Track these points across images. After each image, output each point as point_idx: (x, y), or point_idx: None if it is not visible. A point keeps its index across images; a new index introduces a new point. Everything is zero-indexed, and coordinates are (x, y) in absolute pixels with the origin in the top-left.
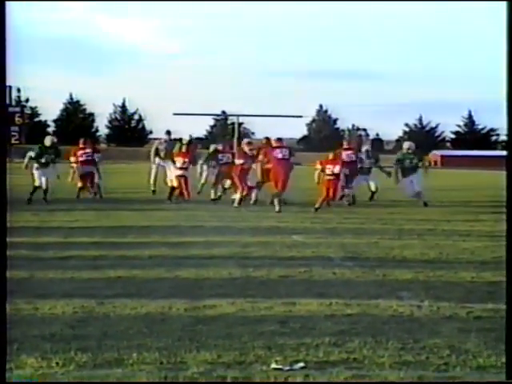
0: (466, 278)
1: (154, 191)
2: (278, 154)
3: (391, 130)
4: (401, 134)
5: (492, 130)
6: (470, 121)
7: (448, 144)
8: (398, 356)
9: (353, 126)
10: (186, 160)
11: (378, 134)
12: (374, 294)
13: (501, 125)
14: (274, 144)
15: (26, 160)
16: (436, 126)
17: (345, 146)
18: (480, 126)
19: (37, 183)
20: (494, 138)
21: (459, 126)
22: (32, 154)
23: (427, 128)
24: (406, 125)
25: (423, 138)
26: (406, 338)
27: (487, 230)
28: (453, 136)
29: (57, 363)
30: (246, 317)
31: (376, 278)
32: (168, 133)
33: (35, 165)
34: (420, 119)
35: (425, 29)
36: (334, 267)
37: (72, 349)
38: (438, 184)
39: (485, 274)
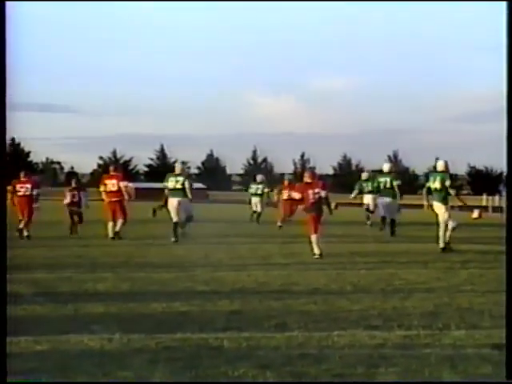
0: (157, 309)
1: None
2: None
3: (86, 164)
4: (95, 167)
5: (183, 162)
6: (163, 154)
7: (142, 177)
8: None
9: (47, 159)
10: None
11: (72, 167)
12: (65, 328)
13: (190, 158)
14: None
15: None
16: (130, 160)
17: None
18: (172, 159)
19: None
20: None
21: (152, 159)
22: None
23: (122, 161)
24: (101, 158)
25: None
26: (95, 372)
27: (178, 261)
28: (146, 169)
29: None
30: None
31: (67, 313)
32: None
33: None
34: (114, 152)
35: (117, 65)
36: (23, 303)
37: None
38: (133, 217)
39: (174, 304)
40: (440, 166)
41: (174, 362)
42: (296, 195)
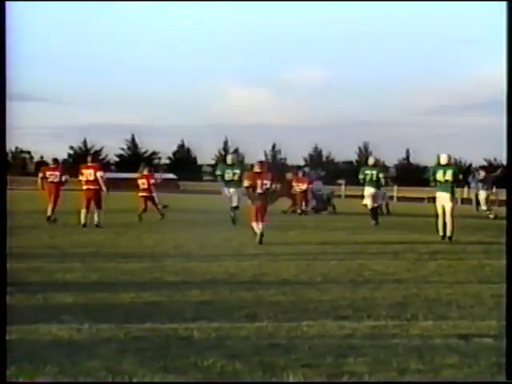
0: (126, 299)
1: None
2: None
3: (56, 153)
4: (66, 156)
5: (154, 153)
6: (134, 144)
7: (113, 167)
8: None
9: (16, 148)
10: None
11: (42, 157)
12: (34, 318)
13: (161, 148)
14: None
15: None
16: (100, 149)
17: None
18: (143, 150)
19: None
20: (156, 161)
21: (123, 149)
22: None
23: (92, 151)
24: (71, 148)
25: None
26: (63, 362)
27: (149, 251)
28: (117, 159)
29: None
30: None
31: (36, 303)
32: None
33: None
34: (84, 142)
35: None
36: None
37: None
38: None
39: (144, 294)
40: (446, 159)
41: (142, 351)
42: (245, 183)
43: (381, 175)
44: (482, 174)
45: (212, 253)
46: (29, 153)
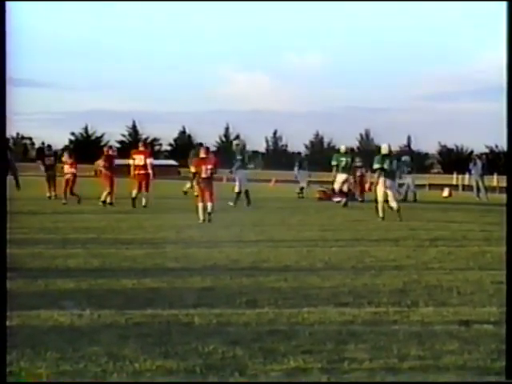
0: (127, 285)
1: None
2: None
3: (57, 139)
4: (67, 142)
5: (155, 139)
6: (135, 130)
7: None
8: (56, 366)
9: (17, 134)
10: None
11: (43, 143)
12: (35, 304)
13: (163, 135)
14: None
15: None
16: (101, 136)
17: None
18: (144, 136)
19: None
20: (157, 147)
21: (124, 135)
22: None
23: (93, 137)
24: (72, 134)
25: (89, 147)
26: (65, 348)
27: (148, 237)
28: (118, 145)
29: None
30: None
31: (37, 289)
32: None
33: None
34: (86, 128)
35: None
36: None
37: None
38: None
39: (145, 280)
40: (387, 149)
41: (144, 337)
42: (192, 169)
43: (353, 164)
44: (479, 162)
45: (212, 239)
46: (30, 139)
